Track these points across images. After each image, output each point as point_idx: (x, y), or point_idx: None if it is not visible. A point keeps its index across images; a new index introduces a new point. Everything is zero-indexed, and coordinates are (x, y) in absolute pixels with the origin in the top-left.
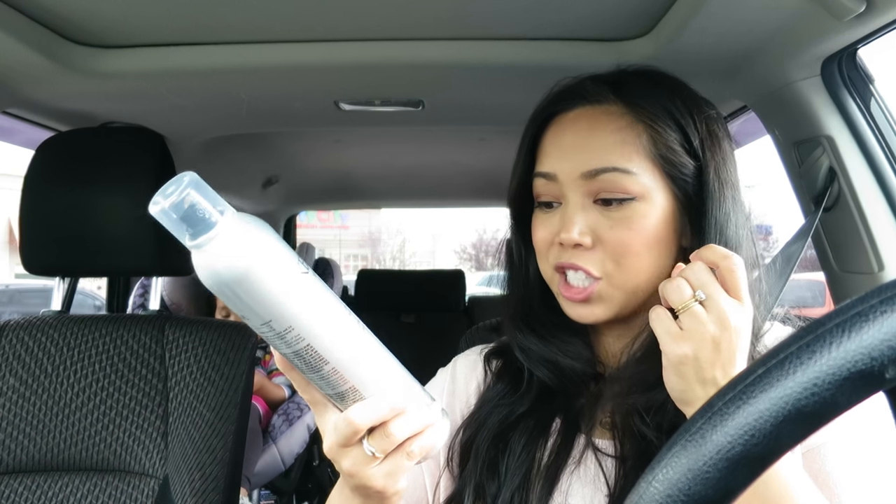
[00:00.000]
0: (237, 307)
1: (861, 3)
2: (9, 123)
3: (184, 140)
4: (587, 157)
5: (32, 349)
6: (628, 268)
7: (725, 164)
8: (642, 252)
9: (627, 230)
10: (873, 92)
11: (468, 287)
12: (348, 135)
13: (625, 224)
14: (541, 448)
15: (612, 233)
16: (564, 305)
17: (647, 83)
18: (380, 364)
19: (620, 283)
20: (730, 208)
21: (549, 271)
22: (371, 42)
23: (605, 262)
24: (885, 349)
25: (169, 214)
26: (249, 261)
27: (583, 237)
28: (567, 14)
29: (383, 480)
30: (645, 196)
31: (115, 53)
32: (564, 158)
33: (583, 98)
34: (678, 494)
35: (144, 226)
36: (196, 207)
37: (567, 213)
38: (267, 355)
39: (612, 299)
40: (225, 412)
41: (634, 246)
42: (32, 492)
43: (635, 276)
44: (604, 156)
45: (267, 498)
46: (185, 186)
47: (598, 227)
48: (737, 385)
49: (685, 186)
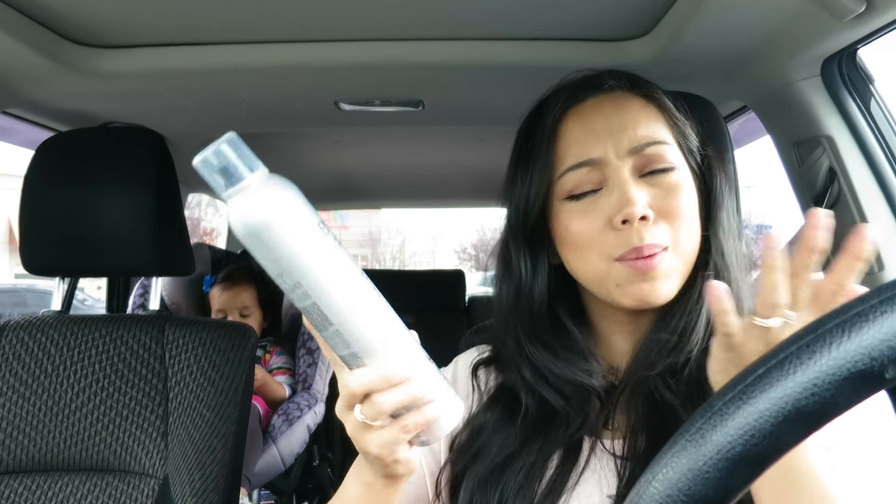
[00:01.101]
0: (258, 258)
1: (861, 3)
2: (9, 123)
3: (184, 140)
4: (631, 134)
5: (32, 349)
6: (687, 235)
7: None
8: (690, 217)
9: (678, 196)
10: (873, 92)
11: (468, 287)
12: (348, 135)
13: (674, 191)
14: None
15: (666, 201)
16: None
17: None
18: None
19: (682, 250)
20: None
21: (601, 266)
22: (371, 42)
23: (670, 233)
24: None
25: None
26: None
27: (646, 210)
28: (567, 14)
29: (378, 449)
30: (680, 167)
31: (115, 53)
32: (603, 140)
33: (596, 88)
34: (678, 494)
35: (144, 226)
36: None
37: (622, 190)
38: (266, 354)
39: (677, 271)
40: (225, 412)
41: (686, 211)
42: (32, 492)
43: (692, 241)
44: (644, 131)
45: (267, 498)
46: (221, 142)
47: (652, 200)
48: (737, 385)
49: (698, 162)
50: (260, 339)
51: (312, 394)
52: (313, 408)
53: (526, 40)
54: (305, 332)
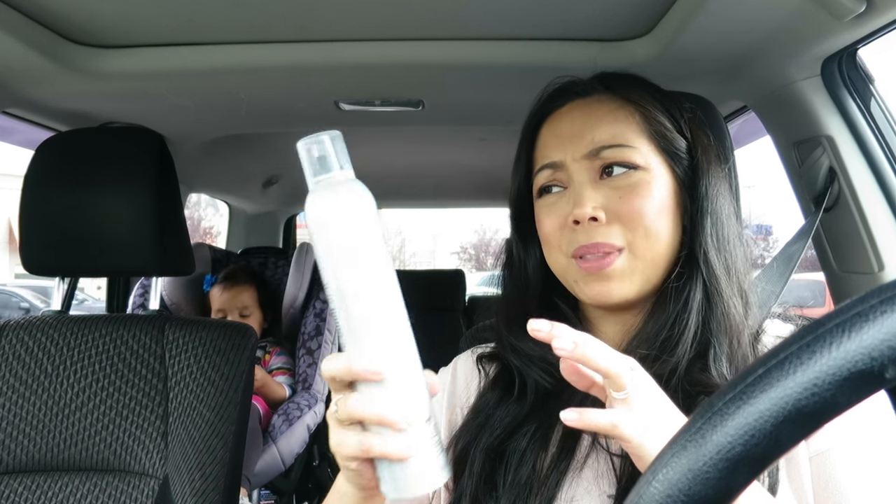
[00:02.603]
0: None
1: (861, 3)
2: (9, 123)
3: (184, 140)
4: (588, 139)
5: (32, 349)
6: (647, 237)
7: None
8: (655, 218)
9: (637, 196)
10: (873, 92)
11: (468, 287)
12: (348, 135)
13: (634, 191)
14: (541, 457)
15: (623, 202)
16: (585, 289)
17: (631, 79)
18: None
19: (643, 251)
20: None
21: (562, 261)
22: (371, 42)
23: (624, 233)
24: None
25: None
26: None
27: (597, 211)
28: (567, 14)
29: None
30: (647, 168)
31: (115, 53)
32: (565, 145)
33: (573, 94)
34: (678, 494)
35: (144, 226)
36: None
37: (576, 190)
38: (266, 355)
39: (632, 274)
40: (225, 412)
41: (648, 212)
42: (32, 492)
43: (655, 242)
44: (603, 134)
45: (267, 498)
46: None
47: (609, 202)
48: (737, 385)
49: (681, 163)
50: (260, 340)
51: (312, 394)
52: (313, 408)
53: (526, 40)
54: (305, 332)
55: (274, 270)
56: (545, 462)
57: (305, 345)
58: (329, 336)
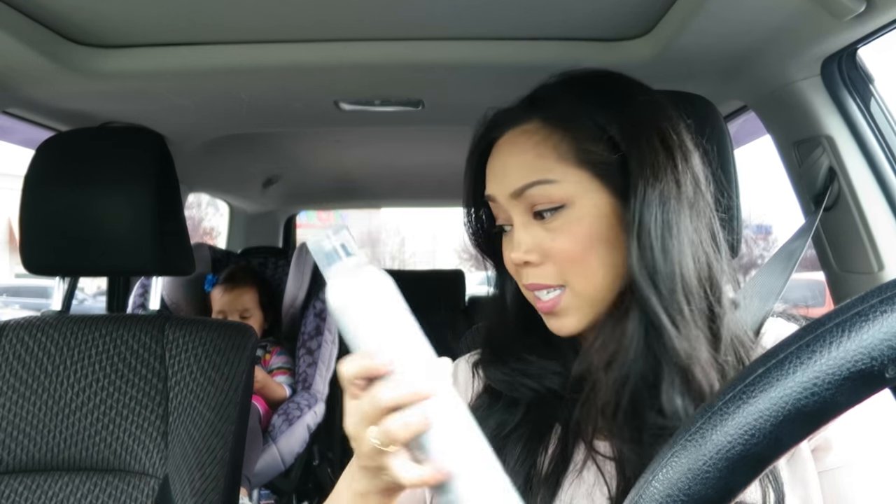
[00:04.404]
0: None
1: (861, 3)
2: (9, 123)
3: (184, 140)
4: (512, 178)
5: (32, 349)
6: (581, 274)
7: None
8: (587, 255)
9: (566, 238)
10: (873, 92)
11: (468, 287)
12: (348, 135)
13: (562, 232)
14: (540, 457)
15: (555, 244)
16: (546, 320)
17: (560, 88)
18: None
19: (581, 290)
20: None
21: (525, 292)
22: (371, 42)
23: (559, 273)
24: (885, 349)
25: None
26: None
27: (528, 255)
28: (567, 14)
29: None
30: (574, 201)
31: (115, 53)
32: (496, 182)
33: (504, 124)
34: (678, 494)
35: (144, 226)
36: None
37: (513, 233)
38: (267, 354)
39: (579, 308)
40: (225, 412)
41: (577, 252)
42: (32, 491)
43: (591, 279)
44: (524, 173)
45: (267, 498)
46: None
47: (542, 242)
48: (736, 385)
49: (614, 178)
50: (260, 339)
51: (312, 393)
52: (313, 407)
53: (526, 40)
54: (305, 331)
55: (274, 270)
56: (544, 462)
57: (305, 344)
58: (329, 336)
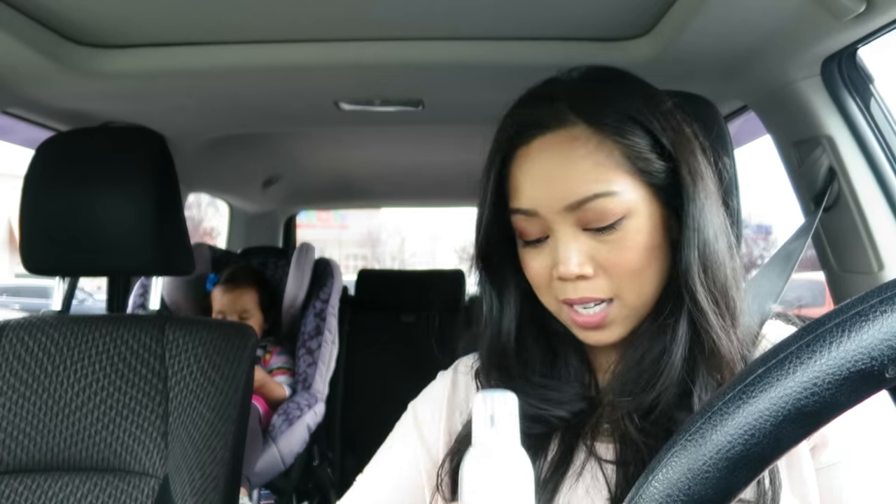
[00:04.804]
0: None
1: (861, 3)
2: (9, 123)
3: (184, 140)
4: (567, 189)
5: (32, 349)
6: (636, 285)
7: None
8: (644, 267)
9: (625, 251)
10: (873, 92)
11: (468, 287)
12: (348, 135)
13: (621, 245)
14: (539, 462)
15: (611, 256)
16: (578, 333)
17: (605, 90)
18: None
19: (632, 301)
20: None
21: (554, 304)
22: (371, 42)
23: (612, 286)
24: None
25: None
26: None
27: (583, 268)
28: (567, 14)
29: None
30: (632, 212)
31: (115, 53)
32: (542, 192)
33: (535, 127)
34: (678, 494)
35: (144, 226)
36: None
37: (560, 246)
38: (267, 354)
39: (626, 318)
40: (225, 412)
41: (636, 263)
42: (32, 491)
43: (645, 290)
44: (583, 185)
45: (267, 498)
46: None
47: (595, 254)
48: (736, 385)
49: (664, 188)
50: (260, 339)
51: (312, 393)
52: (313, 407)
53: (526, 40)
54: (305, 331)
55: (274, 271)
56: (543, 466)
57: (305, 345)
58: (329, 336)
